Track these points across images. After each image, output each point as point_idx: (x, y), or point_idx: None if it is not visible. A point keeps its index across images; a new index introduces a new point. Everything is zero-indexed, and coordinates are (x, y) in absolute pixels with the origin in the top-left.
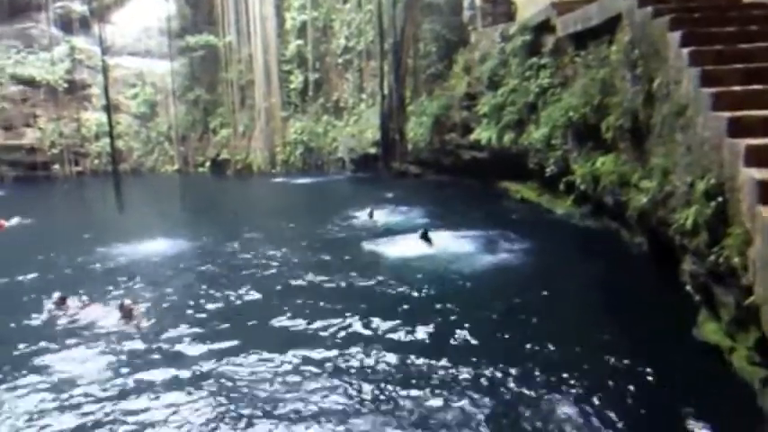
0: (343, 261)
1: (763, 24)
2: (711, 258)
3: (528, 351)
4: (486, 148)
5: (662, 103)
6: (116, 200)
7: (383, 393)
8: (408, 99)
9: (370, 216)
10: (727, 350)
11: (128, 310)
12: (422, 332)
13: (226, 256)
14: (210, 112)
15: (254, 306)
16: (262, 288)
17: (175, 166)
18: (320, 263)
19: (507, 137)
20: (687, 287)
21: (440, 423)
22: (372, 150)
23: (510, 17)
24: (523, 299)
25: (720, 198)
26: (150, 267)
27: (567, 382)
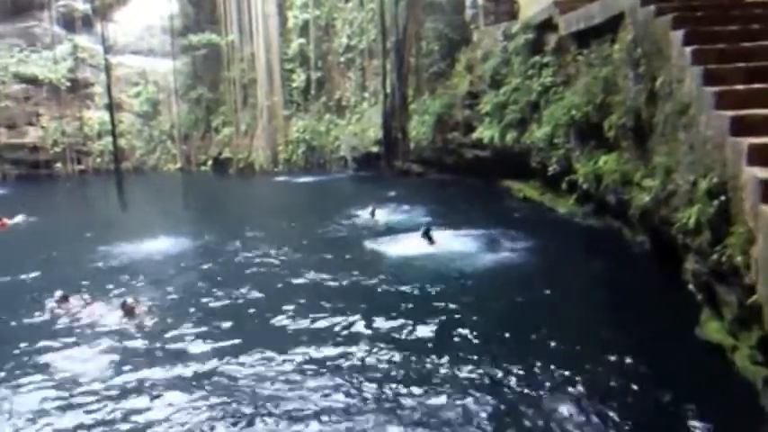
0: (344, 260)
1: (765, 23)
2: (714, 257)
3: (530, 350)
4: (489, 147)
5: (664, 102)
6: (118, 198)
7: (385, 392)
8: (411, 98)
9: (372, 215)
10: (729, 349)
11: (130, 309)
12: (424, 331)
13: (228, 254)
14: (213, 110)
15: (255, 305)
16: (264, 287)
17: (178, 165)
18: (322, 261)
19: (510, 135)
20: (689, 286)
21: (442, 422)
22: (375, 149)
23: (512, 16)
24: (525, 298)
25: (723, 197)
26: (152, 266)
27: (570, 380)
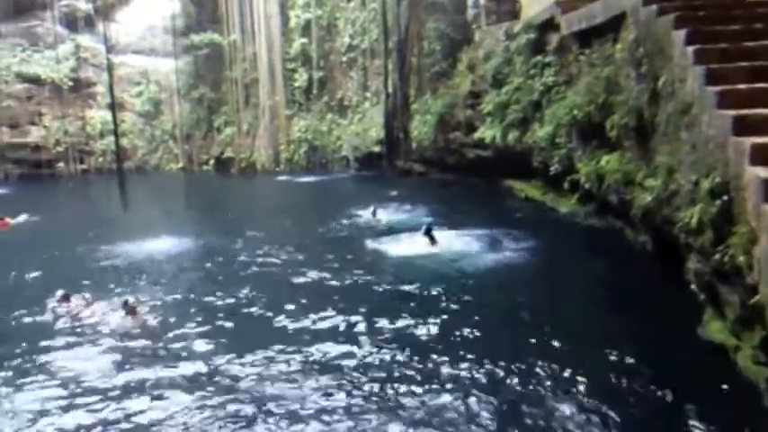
0: (346, 260)
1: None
2: (716, 257)
3: (532, 349)
4: (491, 147)
5: (667, 102)
6: (120, 198)
7: (386, 392)
8: (412, 97)
9: (374, 214)
10: (732, 349)
11: (131, 309)
12: (425, 330)
13: (229, 254)
14: (215, 110)
15: (257, 304)
16: (265, 286)
17: (180, 165)
18: (324, 261)
19: (511, 135)
20: (692, 286)
21: (444, 421)
22: (376, 149)
23: (514, 15)
24: (527, 297)
25: (725, 196)
26: (154, 265)
27: (571, 380)
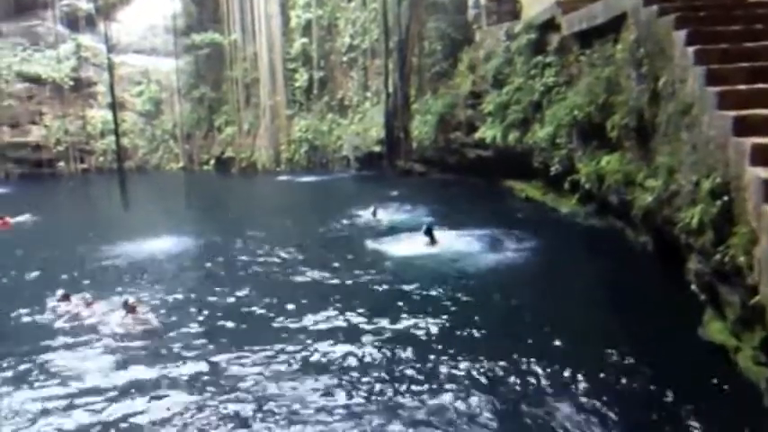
0: (346, 259)
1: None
2: (717, 257)
3: (532, 349)
4: (491, 147)
5: (667, 102)
6: (121, 197)
7: (387, 391)
8: (413, 97)
9: (374, 214)
10: (732, 350)
11: (131, 308)
12: (425, 330)
13: (230, 254)
14: (215, 110)
15: (257, 304)
16: (266, 286)
17: (180, 164)
18: (324, 261)
19: (512, 135)
20: (692, 286)
21: (444, 421)
22: (377, 149)
23: (515, 15)
24: (528, 298)
25: (726, 197)
26: (155, 265)
27: (572, 380)
